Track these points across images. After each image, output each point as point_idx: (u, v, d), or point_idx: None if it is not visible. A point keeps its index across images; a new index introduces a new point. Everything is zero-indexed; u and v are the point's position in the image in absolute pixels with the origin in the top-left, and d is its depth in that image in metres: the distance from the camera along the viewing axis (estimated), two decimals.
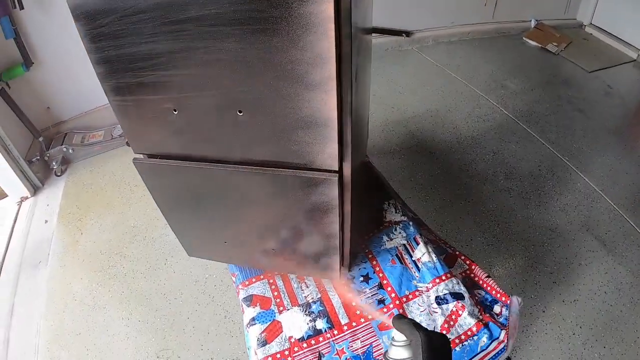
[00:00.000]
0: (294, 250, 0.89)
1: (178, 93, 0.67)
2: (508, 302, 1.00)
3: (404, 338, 0.56)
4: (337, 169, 0.67)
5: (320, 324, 0.93)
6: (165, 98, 0.69)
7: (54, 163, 2.24)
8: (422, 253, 1.07)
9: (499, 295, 1.03)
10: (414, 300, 0.99)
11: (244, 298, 0.99)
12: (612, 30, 3.31)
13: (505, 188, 2.05)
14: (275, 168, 0.69)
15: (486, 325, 0.95)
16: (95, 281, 1.79)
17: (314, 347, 0.89)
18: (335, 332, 0.92)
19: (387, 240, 1.09)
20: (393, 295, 0.99)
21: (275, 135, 0.64)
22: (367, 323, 0.94)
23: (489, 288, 1.06)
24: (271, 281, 1.01)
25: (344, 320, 0.94)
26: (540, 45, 3.17)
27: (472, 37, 3.37)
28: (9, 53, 2.09)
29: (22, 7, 1.99)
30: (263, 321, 0.94)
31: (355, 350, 0.90)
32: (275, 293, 0.99)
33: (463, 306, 0.96)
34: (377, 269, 1.04)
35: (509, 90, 2.76)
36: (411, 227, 1.12)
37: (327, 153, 0.65)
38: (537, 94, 2.73)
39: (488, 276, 1.08)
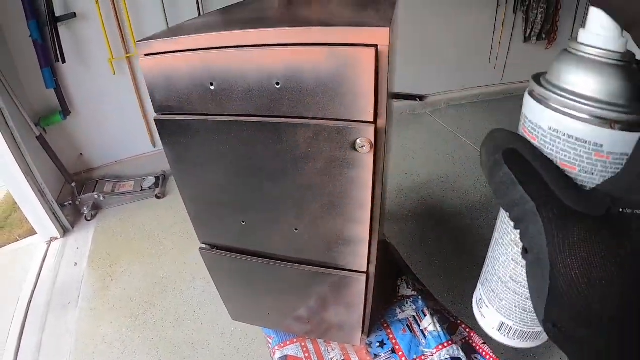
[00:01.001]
0: (325, 322, 1.20)
1: (248, 212, 0.98)
2: None
3: (611, 30, 0.22)
4: (365, 270, 1.00)
5: None
6: (238, 214, 1.00)
7: (85, 208, 2.58)
8: (428, 323, 1.37)
9: (492, 359, 1.33)
10: None
11: (279, 358, 1.29)
12: None
13: None
14: (318, 267, 1.01)
15: None
16: (125, 326, 2.05)
17: None
18: None
19: (400, 312, 1.40)
20: (403, 358, 1.29)
21: (321, 246, 0.96)
22: None
23: (484, 353, 1.35)
24: (303, 344, 1.32)
25: None
26: None
27: (482, 100, 3.72)
28: (48, 101, 2.48)
29: (64, 61, 2.38)
30: None
31: None
32: (307, 354, 1.29)
33: None
34: (391, 336, 1.34)
35: None
36: (420, 301, 1.43)
37: (358, 260, 0.97)
38: None
39: (484, 342, 1.38)
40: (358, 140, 0.75)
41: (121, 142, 2.79)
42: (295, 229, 0.95)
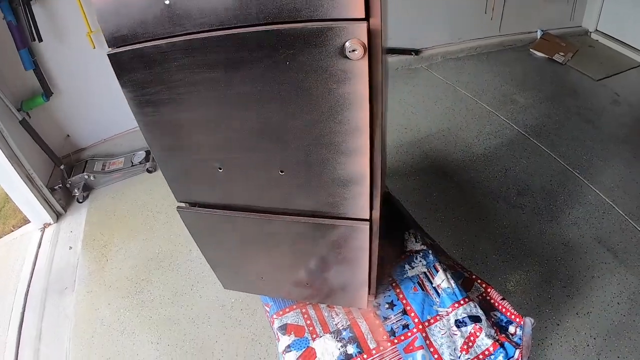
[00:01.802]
0: (326, 284, 1.01)
1: (224, 154, 0.78)
2: (522, 322, 1.11)
3: None
4: (368, 217, 0.80)
5: (351, 349, 1.05)
6: (212, 158, 0.80)
7: (76, 190, 2.40)
8: (441, 280, 1.18)
9: (513, 316, 1.14)
10: (436, 324, 1.11)
11: (278, 327, 1.11)
12: (618, 36, 3.41)
13: (518, 204, 2.16)
14: (313, 217, 0.81)
15: (502, 345, 1.06)
16: (123, 307, 1.91)
17: None
18: (365, 356, 1.04)
19: (409, 269, 1.21)
20: (416, 320, 1.10)
21: (313, 191, 0.76)
22: (393, 347, 1.06)
23: (504, 310, 1.17)
24: (303, 310, 1.13)
25: (372, 344, 1.06)
26: (547, 56, 3.29)
27: (480, 52, 3.49)
28: (29, 84, 2.26)
29: (40, 40, 2.15)
30: (298, 348, 1.05)
31: None
32: (308, 322, 1.11)
33: (480, 328, 1.08)
34: (401, 296, 1.15)
35: (518, 105, 2.88)
36: (430, 255, 1.24)
37: (360, 205, 0.77)
38: (545, 107, 2.85)
39: (503, 298, 1.19)
40: (347, 43, 0.54)
41: (108, 118, 2.56)
42: (281, 171, 0.75)
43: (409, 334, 1.08)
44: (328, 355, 1.04)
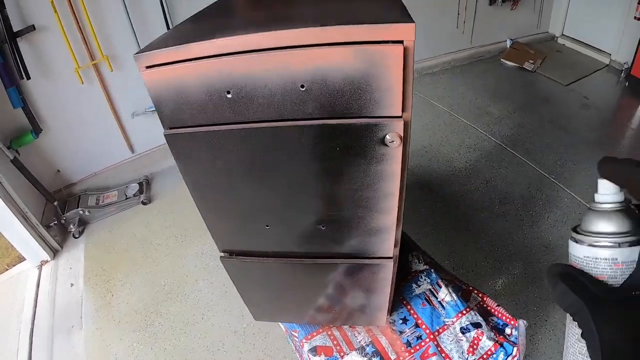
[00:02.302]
0: (351, 309, 1.23)
1: (273, 216, 0.95)
2: (516, 324, 1.36)
3: (618, 195, 0.37)
4: (392, 255, 1.02)
5: None
6: (262, 219, 0.97)
7: (71, 226, 2.50)
8: (445, 294, 1.42)
9: (508, 319, 1.39)
10: (444, 333, 1.35)
11: (309, 350, 1.32)
12: (583, 38, 3.78)
13: (501, 213, 2.44)
14: (345, 259, 1.03)
15: (501, 345, 1.30)
16: (135, 340, 2.02)
17: None
18: None
19: (416, 287, 1.44)
20: (427, 331, 1.34)
21: (348, 240, 0.97)
22: (410, 356, 1.29)
23: (499, 315, 1.42)
24: (329, 333, 1.34)
25: (392, 356, 1.28)
26: (517, 65, 3.62)
27: (453, 65, 3.77)
28: (17, 122, 2.36)
29: (28, 77, 2.25)
30: None
31: None
32: (335, 342, 1.32)
33: (482, 332, 1.32)
34: (412, 311, 1.39)
35: (493, 117, 3.17)
36: (433, 274, 1.48)
37: (386, 247, 0.99)
38: (519, 117, 3.16)
39: (498, 305, 1.44)
40: (388, 136, 0.73)
41: (98, 152, 2.69)
42: (322, 227, 0.96)
43: (423, 344, 1.31)
44: None
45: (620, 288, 0.32)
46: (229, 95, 0.75)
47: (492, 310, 1.43)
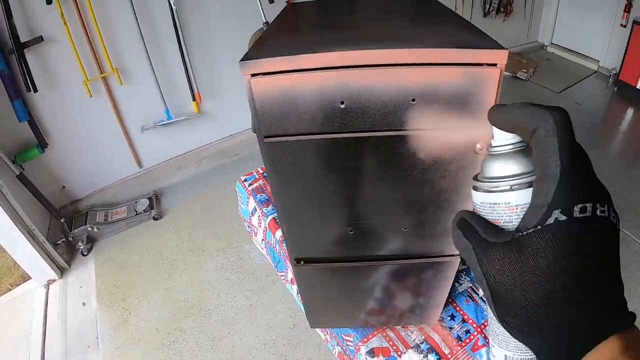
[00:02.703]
0: (408, 309, 1.35)
1: (358, 220, 1.05)
2: None
3: (513, 137, 0.37)
4: (458, 253, 1.16)
5: (432, 357, 1.39)
6: (346, 224, 1.04)
7: (79, 243, 2.49)
8: None
9: None
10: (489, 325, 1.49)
11: (366, 352, 1.42)
12: (572, 47, 4.03)
13: None
14: (420, 258, 1.15)
15: None
16: (159, 359, 2.02)
17: None
18: None
19: (459, 286, 1.58)
20: (474, 325, 1.47)
21: (425, 240, 1.10)
22: (462, 349, 1.42)
23: None
24: (384, 334, 1.45)
25: (446, 350, 1.40)
26: (511, 74, 3.84)
27: None
28: (23, 136, 2.35)
29: (35, 90, 2.24)
30: None
31: None
32: (390, 342, 1.43)
33: None
34: (457, 308, 1.52)
35: None
36: (472, 273, 1.63)
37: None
38: None
39: None
40: (478, 145, 0.88)
41: (105, 167, 2.69)
42: (405, 229, 1.08)
43: (472, 337, 1.45)
44: None
45: (510, 232, 0.33)
46: (342, 106, 0.82)
47: None
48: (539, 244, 0.29)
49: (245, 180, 1.98)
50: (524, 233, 0.30)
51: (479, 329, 1.46)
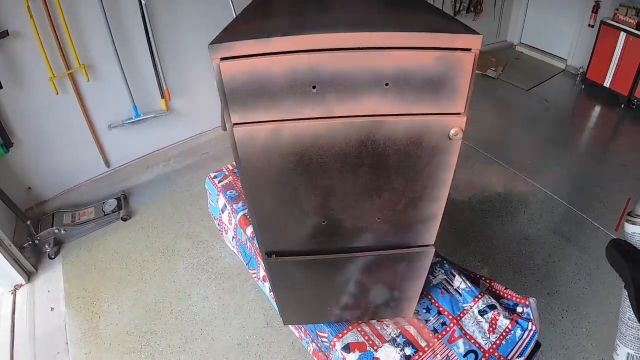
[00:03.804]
0: (384, 302, 1.33)
1: (332, 211, 1.00)
2: (527, 302, 1.52)
3: None
4: (433, 243, 1.15)
5: (408, 350, 1.36)
6: (319, 216, 1.00)
7: (46, 246, 2.37)
8: (459, 282, 1.55)
9: (517, 299, 1.53)
10: (465, 316, 1.46)
11: (342, 348, 1.38)
12: (540, 46, 4.13)
13: (481, 210, 2.62)
14: (393, 249, 1.13)
15: (517, 322, 1.44)
16: None
17: None
18: (421, 353, 1.35)
19: (433, 278, 1.56)
20: (450, 317, 1.45)
21: (400, 229, 1.07)
22: (439, 341, 1.40)
23: (508, 296, 1.56)
24: (359, 329, 1.41)
25: (423, 343, 1.38)
26: (480, 72, 3.88)
27: None
28: None
29: (0, 87, 2.13)
30: None
31: None
32: (366, 337, 1.39)
33: (498, 313, 1.45)
34: (433, 301, 1.50)
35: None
36: (446, 264, 1.61)
37: (430, 234, 1.09)
38: (488, 121, 3.39)
39: (506, 288, 1.59)
40: (452, 130, 0.86)
41: (72, 167, 2.58)
42: (378, 218, 1.05)
43: (448, 329, 1.43)
44: None
45: None
46: (314, 90, 0.80)
47: (502, 294, 1.58)
48: None
49: (215, 177, 1.93)
50: None
51: (454, 321, 1.45)
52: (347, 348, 1.38)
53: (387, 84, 0.80)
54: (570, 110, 3.71)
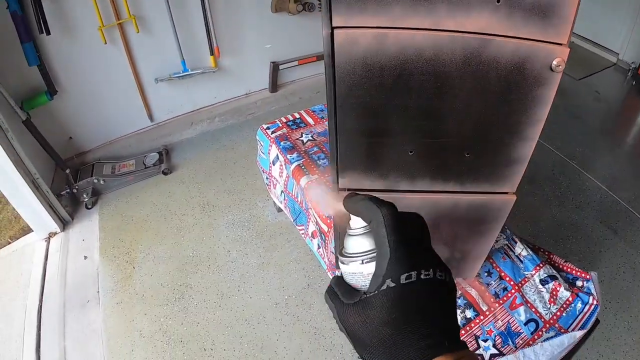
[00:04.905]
0: (452, 260, 1.25)
1: (421, 139, 0.92)
2: (588, 277, 1.43)
3: (362, 224, 0.46)
4: (515, 190, 1.06)
5: (469, 313, 1.29)
6: (407, 143, 0.93)
7: (84, 195, 2.34)
8: (521, 249, 1.46)
9: (578, 273, 1.44)
10: (526, 284, 1.37)
11: None
12: (592, 37, 3.94)
13: (530, 192, 2.51)
14: (476, 194, 1.06)
15: (577, 295, 1.35)
16: (163, 315, 1.90)
17: (470, 332, 1.25)
18: (481, 317, 1.28)
19: (495, 243, 1.49)
20: (512, 283, 1.36)
21: (487, 170, 1.00)
22: (500, 307, 1.32)
23: (568, 269, 1.45)
24: None
25: (484, 307, 1.30)
26: None
27: None
28: (31, 81, 2.20)
29: (48, 33, 2.09)
30: None
31: (499, 328, 1.28)
32: None
33: (559, 284, 1.36)
34: (494, 265, 1.41)
35: None
36: (507, 230, 1.52)
37: (514, 181, 1.01)
38: None
39: (566, 261, 1.50)
40: (555, 61, 0.80)
41: (115, 119, 2.54)
42: (467, 154, 0.97)
43: (509, 295, 1.34)
44: None
45: (361, 293, 0.42)
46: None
47: (561, 266, 1.48)
48: (376, 303, 0.39)
49: (268, 128, 1.86)
50: (368, 295, 0.40)
51: (516, 287, 1.36)
52: None
53: (498, 1, 0.73)
54: (620, 104, 3.54)
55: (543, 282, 1.38)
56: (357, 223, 0.46)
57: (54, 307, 2.02)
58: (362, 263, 0.44)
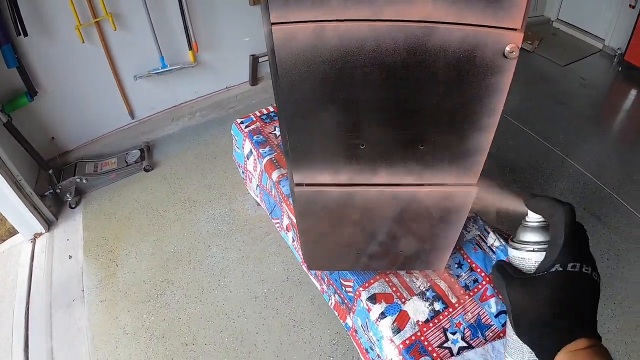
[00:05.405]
0: (416, 250, 1.21)
1: (371, 132, 0.88)
2: None
3: (539, 217, 0.54)
4: (476, 182, 1.02)
5: (437, 305, 1.25)
6: (356, 137, 0.89)
7: (67, 195, 2.31)
8: (493, 239, 1.42)
9: None
10: None
11: (367, 298, 1.27)
12: (578, 24, 3.87)
13: (512, 180, 2.48)
14: (434, 186, 1.01)
15: None
16: (145, 311, 1.89)
17: (438, 324, 1.21)
18: (450, 310, 1.24)
19: (466, 233, 1.44)
20: (483, 274, 1.33)
21: (444, 162, 0.96)
22: (470, 299, 1.29)
23: None
24: (387, 280, 1.30)
25: (453, 299, 1.27)
26: None
27: None
28: (11, 83, 2.16)
29: (25, 34, 2.05)
30: (392, 313, 1.23)
31: (469, 320, 1.24)
32: (394, 288, 1.28)
33: None
34: (465, 256, 1.38)
35: None
36: (479, 220, 1.48)
37: (474, 172, 0.97)
38: (522, 92, 3.19)
39: None
40: (508, 47, 0.74)
41: (96, 117, 2.50)
42: (421, 146, 0.93)
43: (480, 287, 1.31)
44: (419, 314, 1.22)
45: (530, 274, 0.51)
46: None
47: None
48: (544, 281, 0.48)
49: (242, 122, 1.82)
50: (537, 275, 0.49)
51: (487, 279, 1.33)
52: (373, 299, 1.28)
53: None
54: (606, 90, 3.49)
55: None
56: (534, 217, 0.55)
57: (41, 307, 2.01)
58: (533, 251, 0.53)
